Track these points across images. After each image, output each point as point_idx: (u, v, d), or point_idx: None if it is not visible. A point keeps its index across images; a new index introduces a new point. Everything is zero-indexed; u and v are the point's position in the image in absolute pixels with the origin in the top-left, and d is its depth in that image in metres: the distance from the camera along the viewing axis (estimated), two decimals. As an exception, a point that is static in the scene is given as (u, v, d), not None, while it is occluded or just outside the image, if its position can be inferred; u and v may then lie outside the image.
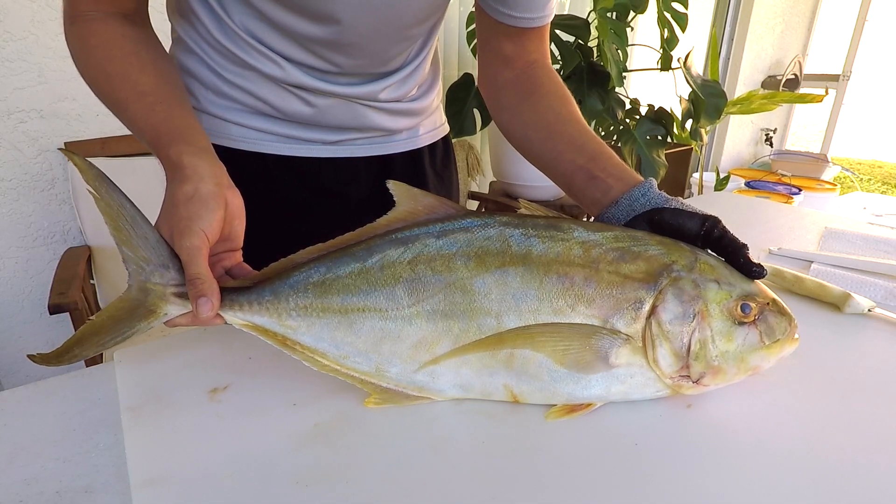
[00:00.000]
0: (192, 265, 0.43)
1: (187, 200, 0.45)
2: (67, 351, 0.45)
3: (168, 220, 0.45)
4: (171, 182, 0.47)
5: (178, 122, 0.51)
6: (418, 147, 0.76)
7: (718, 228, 0.48)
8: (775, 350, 0.45)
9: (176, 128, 0.51)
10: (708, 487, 0.39)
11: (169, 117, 0.51)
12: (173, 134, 0.50)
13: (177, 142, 0.49)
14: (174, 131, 0.50)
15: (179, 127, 0.51)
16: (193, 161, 0.47)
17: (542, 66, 0.66)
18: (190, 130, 0.51)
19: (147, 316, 0.45)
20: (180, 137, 0.50)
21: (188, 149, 0.48)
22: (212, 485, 0.39)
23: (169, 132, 0.50)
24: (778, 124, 4.11)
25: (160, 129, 0.50)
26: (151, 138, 0.51)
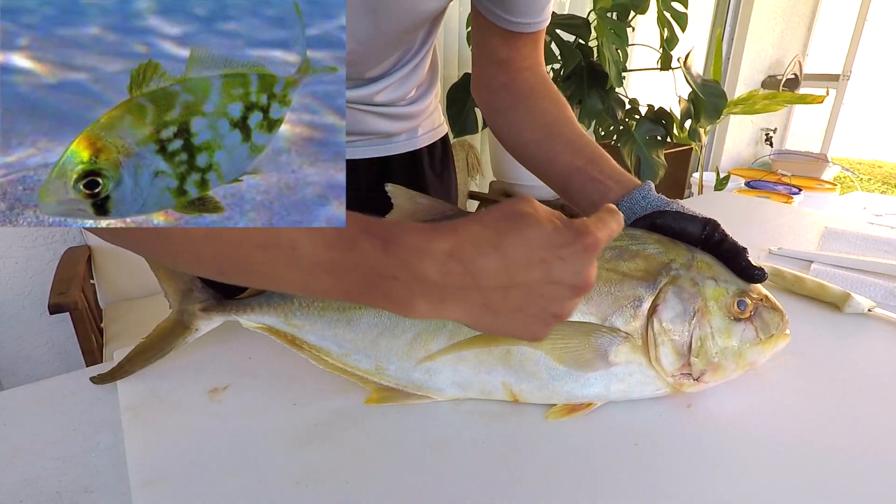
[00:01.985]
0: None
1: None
2: (120, 368, 0.51)
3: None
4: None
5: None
6: (417, 148, 0.76)
7: (719, 232, 0.48)
8: (770, 345, 0.46)
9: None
10: (708, 487, 0.39)
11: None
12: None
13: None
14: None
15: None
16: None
17: (536, 71, 0.66)
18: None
19: (183, 332, 0.52)
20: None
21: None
22: (212, 485, 0.39)
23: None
24: (778, 124, 4.11)
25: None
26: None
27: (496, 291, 0.34)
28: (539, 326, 0.36)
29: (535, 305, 0.35)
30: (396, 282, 0.34)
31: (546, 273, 0.34)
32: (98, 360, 1.33)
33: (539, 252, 0.34)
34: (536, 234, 0.34)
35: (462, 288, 0.34)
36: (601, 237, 0.35)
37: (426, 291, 0.34)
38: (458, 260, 0.33)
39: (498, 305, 0.35)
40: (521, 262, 0.33)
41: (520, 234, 0.34)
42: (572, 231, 0.34)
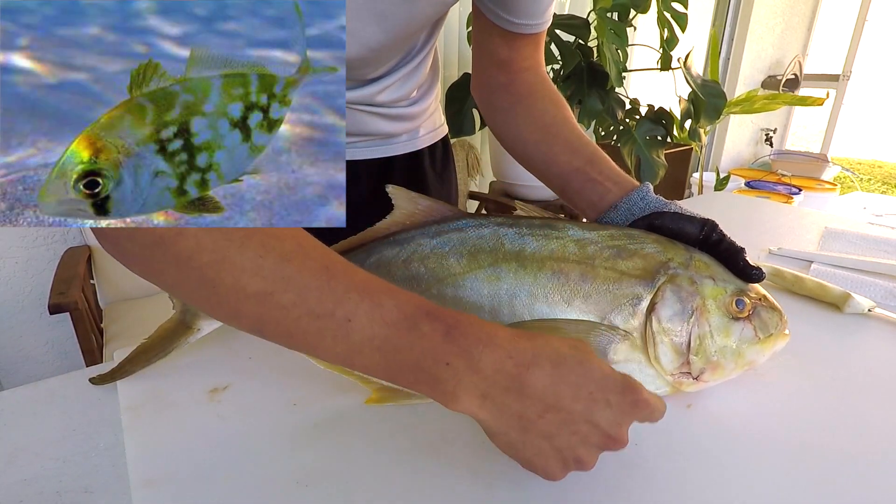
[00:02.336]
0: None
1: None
2: (121, 368, 0.51)
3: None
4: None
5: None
6: (418, 149, 0.76)
7: (717, 232, 0.48)
8: (769, 344, 0.46)
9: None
10: (708, 487, 0.39)
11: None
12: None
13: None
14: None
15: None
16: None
17: (536, 72, 0.66)
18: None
19: (185, 332, 0.52)
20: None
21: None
22: (212, 485, 0.39)
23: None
24: (778, 124, 4.11)
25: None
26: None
27: (536, 407, 0.33)
28: (558, 465, 0.35)
29: (564, 438, 0.34)
30: (448, 368, 0.33)
31: (588, 410, 0.34)
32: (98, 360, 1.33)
33: (591, 387, 0.34)
34: (596, 371, 0.34)
35: (507, 390, 0.33)
36: (652, 403, 0.35)
37: (473, 384, 0.33)
38: (515, 362, 0.33)
39: (531, 423, 0.34)
40: (571, 389, 0.33)
41: (580, 364, 0.34)
42: (627, 384, 0.35)
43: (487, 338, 0.34)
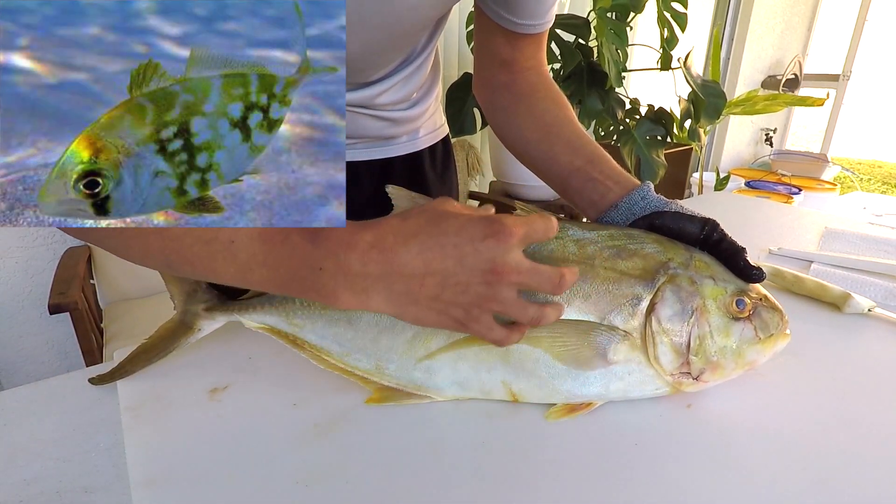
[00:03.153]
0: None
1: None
2: (121, 368, 0.51)
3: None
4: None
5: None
6: (418, 150, 0.76)
7: (718, 232, 0.48)
8: (770, 345, 0.46)
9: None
10: (708, 487, 0.39)
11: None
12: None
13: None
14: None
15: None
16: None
17: (538, 71, 0.66)
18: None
19: (186, 332, 0.52)
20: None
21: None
22: (212, 485, 0.39)
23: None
24: (778, 124, 4.11)
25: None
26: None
27: (414, 279, 0.36)
28: (464, 315, 0.38)
29: (451, 293, 0.37)
30: (323, 272, 0.36)
31: (458, 260, 0.36)
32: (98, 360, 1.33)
33: (452, 239, 0.36)
34: (451, 224, 0.36)
35: (382, 276, 0.36)
36: (516, 230, 0.37)
37: (350, 282, 0.36)
38: (379, 249, 0.36)
39: (417, 293, 0.37)
40: (436, 250, 0.36)
41: (436, 226, 0.36)
42: (486, 222, 0.36)
43: (349, 237, 0.36)
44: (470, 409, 0.47)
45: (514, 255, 0.37)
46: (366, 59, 0.59)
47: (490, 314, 0.39)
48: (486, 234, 0.36)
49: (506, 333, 0.40)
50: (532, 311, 0.39)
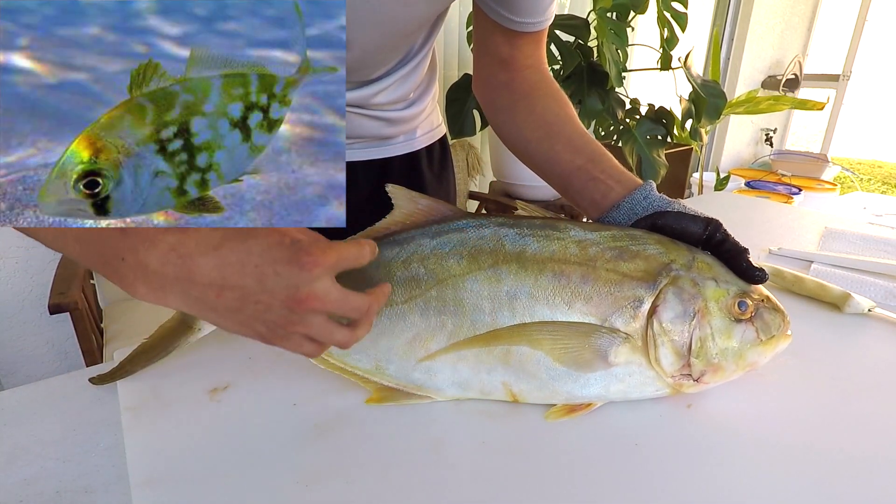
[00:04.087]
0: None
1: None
2: (121, 368, 0.51)
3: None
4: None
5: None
6: (415, 150, 0.75)
7: (720, 232, 0.48)
8: (771, 346, 0.46)
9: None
10: (708, 487, 0.39)
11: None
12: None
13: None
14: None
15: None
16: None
17: (538, 69, 0.66)
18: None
19: (186, 332, 0.51)
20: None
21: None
22: (212, 485, 0.39)
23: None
24: (778, 124, 4.11)
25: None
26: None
27: (210, 289, 0.36)
28: (263, 330, 0.37)
29: (251, 310, 0.36)
30: (124, 263, 0.36)
31: (259, 282, 0.35)
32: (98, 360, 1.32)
33: (255, 259, 0.35)
34: (257, 244, 0.36)
35: (178, 279, 0.36)
36: (322, 260, 0.36)
37: (147, 278, 0.36)
38: (178, 253, 0.35)
39: (213, 303, 0.36)
40: (236, 266, 0.35)
41: (241, 242, 0.36)
42: (293, 249, 0.36)
43: (154, 235, 0.36)
44: (470, 409, 0.47)
45: (320, 283, 0.36)
46: (363, 59, 0.59)
47: (298, 335, 0.38)
48: (289, 260, 0.35)
49: (315, 348, 0.39)
50: (339, 335, 0.38)
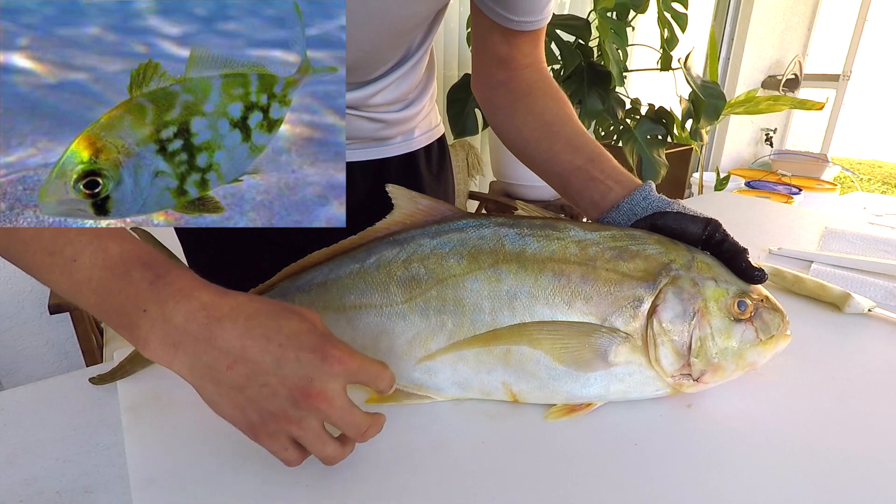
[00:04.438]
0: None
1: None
2: (121, 368, 0.51)
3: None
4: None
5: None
6: (413, 150, 0.75)
7: (720, 232, 0.48)
8: (771, 346, 0.46)
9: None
10: (708, 487, 0.39)
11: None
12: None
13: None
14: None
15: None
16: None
17: (537, 68, 0.66)
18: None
19: None
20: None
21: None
22: (212, 485, 0.39)
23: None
24: (778, 124, 4.11)
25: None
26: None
27: (224, 357, 0.34)
28: (255, 419, 0.35)
29: (254, 391, 0.34)
30: (145, 315, 0.35)
31: (276, 363, 0.34)
32: (98, 360, 1.32)
33: (281, 340, 0.34)
34: (288, 324, 0.35)
35: (197, 340, 0.34)
36: (347, 361, 0.35)
37: (165, 332, 0.35)
38: (207, 313, 0.34)
39: (220, 374, 0.34)
40: (260, 342, 0.34)
41: (274, 319, 0.35)
42: (322, 339, 0.35)
43: (188, 290, 0.35)
44: (470, 409, 0.47)
45: (334, 384, 0.35)
46: (360, 59, 0.59)
47: (287, 435, 0.36)
48: (314, 349, 0.34)
49: (296, 457, 0.37)
50: (330, 449, 0.36)
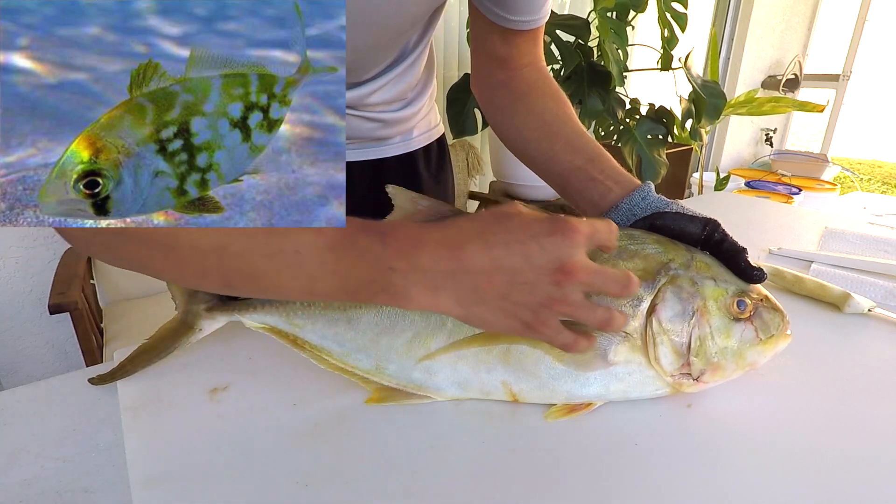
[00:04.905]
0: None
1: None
2: (121, 368, 0.51)
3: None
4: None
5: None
6: (412, 150, 0.75)
7: (719, 232, 0.48)
8: (770, 345, 0.46)
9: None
10: (708, 487, 0.39)
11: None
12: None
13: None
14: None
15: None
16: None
17: (536, 68, 0.66)
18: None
19: (187, 332, 0.51)
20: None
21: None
22: (212, 485, 0.39)
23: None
24: (778, 124, 4.11)
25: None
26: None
27: (482, 276, 0.36)
28: (529, 317, 0.37)
29: (518, 292, 0.36)
30: (394, 273, 0.36)
31: (525, 257, 0.35)
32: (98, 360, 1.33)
33: (518, 236, 0.36)
34: (517, 222, 0.36)
35: (452, 272, 0.36)
36: (581, 228, 0.36)
37: (420, 280, 0.36)
38: (447, 246, 0.36)
39: (484, 291, 0.36)
40: (502, 247, 0.35)
41: (501, 224, 0.36)
42: (552, 221, 0.36)
43: (416, 235, 0.36)
44: (470, 409, 0.47)
45: (580, 254, 0.36)
46: (355, 59, 0.59)
47: (557, 317, 0.38)
48: (551, 231, 0.35)
49: (574, 338, 0.39)
50: (601, 312, 0.38)
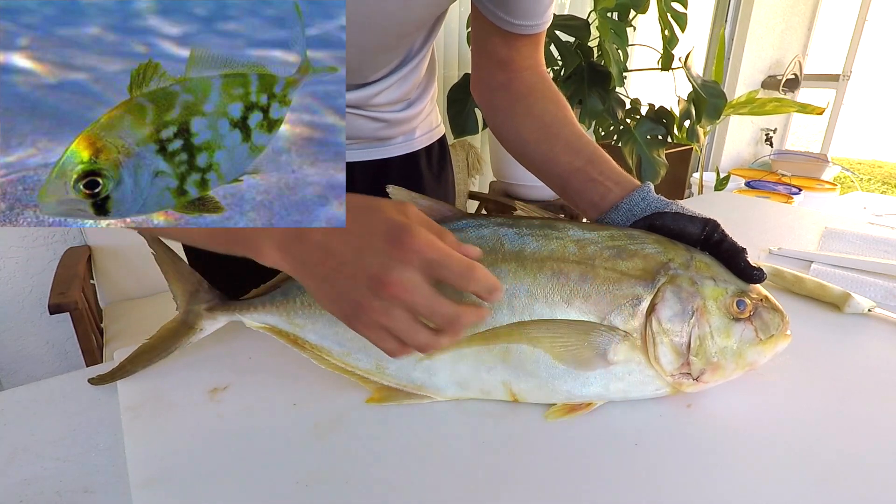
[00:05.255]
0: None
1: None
2: (121, 368, 0.51)
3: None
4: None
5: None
6: (414, 150, 0.75)
7: (718, 232, 0.48)
8: (770, 345, 0.46)
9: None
10: (708, 487, 0.39)
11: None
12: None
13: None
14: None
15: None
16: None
17: (536, 71, 0.66)
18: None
19: (188, 332, 0.52)
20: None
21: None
22: (212, 485, 0.39)
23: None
24: (778, 124, 4.11)
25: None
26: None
27: (317, 251, 0.36)
28: (349, 310, 0.37)
29: (342, 284, 0.36)
30: (255, 230, 0.37)
31: (356, 251, 0.35)
32: (98, 360, 1.33)
33: (362, 231, 0.36)
34: (375, 217, 0.36)
35: (296, 239, 0.37)
36: (425, 251, 0.35)
37: (270, 237, 0.37)
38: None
39: (316, 268, 0.37)
40: (344, 235, 0.36)
41: (362, 213, 0.36)
42: (401, 229, 0.35)
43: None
44: (470, 409, 0.47)
45: (410, 273, 0.35)
46: (361, 60, 0.59)
47: (380, 326, 0.37)
48: (390, 238, 0.34)
49: (395, 346, 0.37)
50: (422, 337, 0.36)
